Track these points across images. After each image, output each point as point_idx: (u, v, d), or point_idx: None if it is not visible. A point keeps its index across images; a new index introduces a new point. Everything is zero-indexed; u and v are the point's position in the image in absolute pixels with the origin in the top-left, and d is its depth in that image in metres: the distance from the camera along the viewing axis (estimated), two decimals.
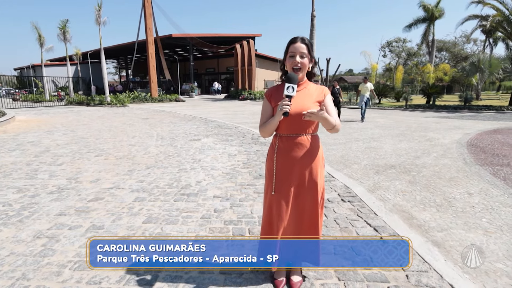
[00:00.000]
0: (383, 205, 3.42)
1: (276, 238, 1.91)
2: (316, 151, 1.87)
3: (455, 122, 11.12)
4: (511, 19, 16.80)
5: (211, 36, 30.52)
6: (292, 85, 1.70)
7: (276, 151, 1.87)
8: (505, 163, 5.29)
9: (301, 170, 1.85)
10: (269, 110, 1.87)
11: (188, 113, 14.46)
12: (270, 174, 1.90)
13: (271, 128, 1.82)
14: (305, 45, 1.77)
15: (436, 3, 31.62)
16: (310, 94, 1.83)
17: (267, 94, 1.90)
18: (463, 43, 44.78)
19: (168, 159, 5.49)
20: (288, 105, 1.68)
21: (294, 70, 1.78)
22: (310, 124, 1.82)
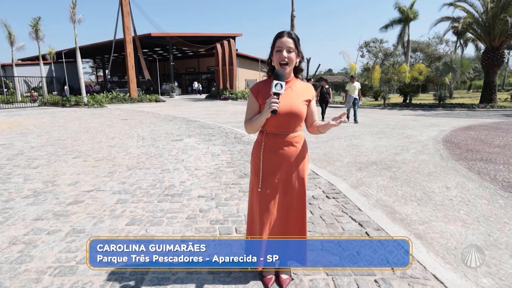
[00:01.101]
0: (367, 201, 3.50)
1: (262, 238, 1.89)
2: (302, 148, 1.88)
3: (430, 120, 11.53)
4: (481, 21, 17.60)
5: (191, 35, 30.17)
6: (280, 82, 1.67)
7: (262, 148, 1.85)
8: (479, 157, 5.53)
9: (288, 167, 1.85)
10: (255, 106, 1.84)
11: (169, 113, 14.23)
12: (257, 171, 1.88)
13: (258, 125, 1.80)
14: (292, 39, 1.75)
15: (411, 4, 32.69)
16: (298, 92, 1.82)
17: (254, 90, 1.86)
18: (436, 44, 46.55)
19: (150, 160, 5.37)
20: (276, 103, 1.66)
21: (281, 65, 1.75)
22: (297, 122, 1.82)
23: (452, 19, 19.21)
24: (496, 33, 16.94)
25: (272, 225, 1.89)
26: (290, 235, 1.93)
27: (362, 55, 45.42)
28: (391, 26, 36.08)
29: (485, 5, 17.28)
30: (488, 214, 3.14)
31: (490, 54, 17.73)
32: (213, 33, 31.71)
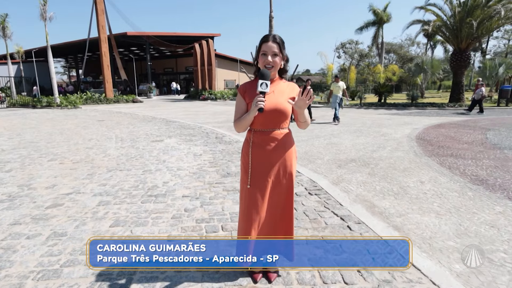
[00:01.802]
0: (347, 196, 3.63)
1: (251, 238, 1.93)
2: (289, 144, 1.94)
3: (404, 118, 12.00)
4: (449, 25, 18.51)
5: (169, 35, 29.70)
6: (266, 82, 1.74)
7: (251, 145, 1.90)
8: (449, 153, 5.85)
9: (276, 163, 1.90)
10: (243, 105, 1.90)
11: (147, 114, 13.97)
12: (246, 168, 1.93)
13: (246, 123, 1.86)
14: (277, 44, 1.82)
15: (384, 7, 33.85)
16: (282, 90, 1.89)
17: (241, 90, 1.92)
18: (408, 46, 48.38)
19: (131, 161, 5.28)
20: (263, 101, 1.73)
21: (266, 68, 1.83)
22: (284, 119, 1.88)
23: (423, 22, 20.05)
24: (463, 36, 17.87)
25: (261, 222, 1.93)
26: (278, 232, 1.98)
27: (339, 56, 46.42)
28: (366, 28, 37.24)
29: (453, 9, 18.19)
30: (458, 206, 3.35)
31: (458, 56, 18.69)
32: (191, 33, 31.37)
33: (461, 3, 17.95)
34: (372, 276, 2.08)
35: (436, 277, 2.06)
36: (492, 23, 17.48)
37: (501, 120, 11.18)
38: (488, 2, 16.95)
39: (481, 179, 4.26)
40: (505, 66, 26.40)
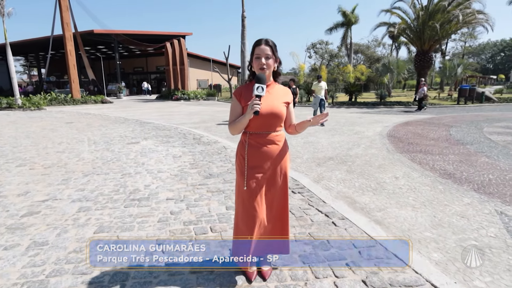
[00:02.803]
0: (329, 193, 3.76)
1: (248, 238, 1.96)
2: (284, 146, 2.00)
3: (374, 117, 12.53)
4: (413, 27, 19.53)
5: (139, 33, 28.84)
6: (262, 85, 1.79)
7: (246, 148, 1.94)
8: (418, 149, 6.21)
9: (271, 165, 1.95)
10: (238, 109, 1.93)
11: (119, 115, 13.52)
12: (242, 170, 1.96)
13: (241, 126, 1.89)
14: (269, 46, 1.87)
15: (352, 9, 35.02)
16: (277, 94, 1.95)
17: (237, 93, 1.96)
18: (375, 47, 50.35)
19: (108, 165, 5.11)
20: (259, 104, 1.78)
21: (260, 71, 1.87)
22: (278, 122, 1.94)
23: (389, 25, 21.02)
24: (426, 38, 18.94)
25: (259, 223, 1.96)
26: (275, 231, 2.03)
27: (310, 56, 47.37)
28: (335, 29, 38.35)
29: (416, 12, 19.22)
30: (431, 199, 3.58)
31: (421, 56, 19.78)
32: (162, 32, 30.65)
33: (424, 7, 19.01)
34: (360, 268, 2.19)
35: (417, 266, 2.21)
36: (451, 26, 18.68)
37: (462, 118, 11.99)
38: (448, 7, 18.08)
39: (449, 173, 4.57)
40: (463, 67, 28.28)
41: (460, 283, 2.06)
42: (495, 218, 3.06)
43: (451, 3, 18.31)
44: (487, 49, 77.08)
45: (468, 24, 19.32)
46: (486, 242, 2.60)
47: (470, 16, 18.11)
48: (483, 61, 77.37)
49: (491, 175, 4.46)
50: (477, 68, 58.25)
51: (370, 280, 2.05)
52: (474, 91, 19.26)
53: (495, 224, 2.94)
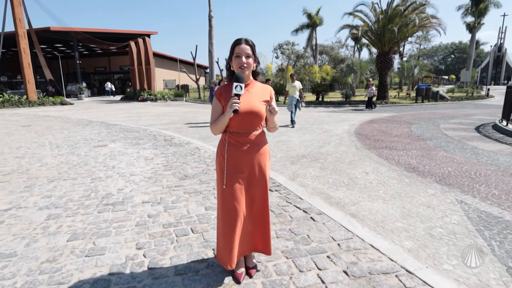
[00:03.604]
0: (305, 190, 3.87)
1: (229, 238, 1.96)
2: (263, 145, 2.01)
3: (341, 115, 13.00)
4: (374, 30, 20.50)
5: (101, 31, 27.54)
6: (240, 84, 1.81)
7: (226, 146, 1.94)
8: (384, 146, 6.56)
9: (251, 164, 1.96)
10: (219, 108, 1.94)
11: (81, 117, 12.84)
12: (221, 169, 1.96)
13: (222, 125, 1.90)
14: (249, 46, 1.89)
15: (316, 11, 36.06)
16: (257, 92, 1.96)
17: (217, 93, 1.96)
18: (339, 48, 52.14)
19: (75, 169, 4.86)
20: (237, 103, 1.79)
21: (240, 70, 1.88)
22: (258, 121, 1.95)
23: (352, 27, 21.84)
24: (386, 40, 19.96)
25: (239, 221, 1.97)
26: (256, 230, 2.05)
27: (277, 57, 48.01)
28: (301, 30, 39.27)
29: (377, 16, 20.20)
30: (399, 191, 3.81)
31: (382, 58, 20.81)
32: (125, 30, 29.54)
33: (383, 11, 20.02)
34: (341, 260, 2.29)
35: (392, 254, 2.36)
36: (408, 29, 19.85)
37: (420, 115, 12.80)
38: (405, 12, 19.19)
39: (413, 167, 4.89)
40: (419, 68, 30.18)
41: (430, 267, 2.23)
42: (456, 206, 3.33)
43: (408, 8, 19.46)
44: (440, 51, 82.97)
45: (423, 27, 20.63)
46: (451, 229, 2.82)
47: (425, 20, 19.35)
48: (436, 62, 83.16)
49: (449, 168, 4.83)
50: (431, 69, 62.47)
51: (351, 270, 2.16)
52: (430, 90, 20.64)
53: (456, 212, 3.20)
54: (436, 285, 1.99)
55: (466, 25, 44.31)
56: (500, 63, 60.37)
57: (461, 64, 71.66)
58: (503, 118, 9.21)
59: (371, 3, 20.41)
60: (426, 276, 2.08)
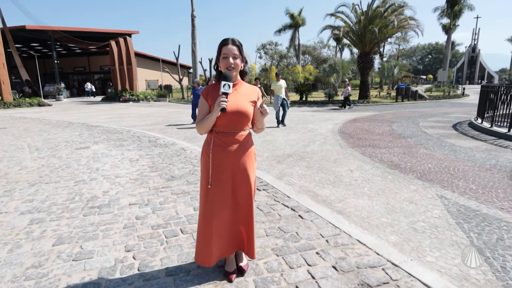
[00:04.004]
0: (292, 189, 3.92)
1: (209, 238, 1.98)
2: (249, 146, 2.01)
3: (325, 115, 13.20)
4: (355, 30, 20.91)
5: (79, 30, 26.77)
6: (228, 83, 1.82)
7: (212, 146, 1.93)
8: (367, 144, 6.72)
9: (236, 165, 1.94)
10: (206, 108, 1.94)
11: (61, 119, 12.47)
12: (206, 169, 1.95)
13: (208, 124, 1.89)
14: (237, 46, 1.90)
15: (299, 12, 36.40)
16: (244, 92, 1.98)
17: (204, 92, 1.96)
18: (321, 48, 52.85)
19: (56, 172, 4.73)
20: (225, 101, 1.80)
21: (228, 70, 1.89)
22: (245, 121, 1.95)
23: (333, 28, 22.19)
24: (367, 41, 20.40)
25: (222, 222, 1.97)
26: (240, 230, 2.03)
27: (260, 57, 48.21)
28: (284, 31, 39.50)
29: (358, 17, 20.61)
30: (383, 188, 3.93)
31: (364, 58, 21.26)
32: (105, 29, 28.82)
33: (364, 12, 20.45)
34: (329, 255, 2.35)
35: (378, 248, 2.44)
36: (388, 30, 20.36)
37: (400, 114, 13.18)
38: (384, 13, 19.68)
39: (395, 164, 5.04)
40: (399, 67, 31.00)
41: (415, 259, 2.32)
42: (437, 201, 3.47)
43: (387, 9, 19.97)
44: (418, 52, 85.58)
45: (402, 28, 21.20)
46: (432, 223, 2.94)
47: (403, 21, 19.91)
48: (414, 62, 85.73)
49: (430, 164, 5.02)
50: (410, 69, 64.29)
51: (339, 265, 2.22)
52: (409, 89, 21.28)
53: (437, 206, 3.33)
54: (420, 277, 2.08)
55: (442, 27, 45.89)
56: (474, 63, 62.94)
57: (438, 64, 74.19)
58: (478, 116, 9.62)
59: (352, 4, 20.81)
60: (410, 268, 2.17)
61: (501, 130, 7.65)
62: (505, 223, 2.92)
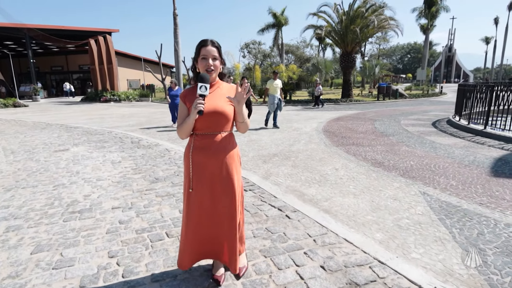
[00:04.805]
0: (279, 189, 3.92)
1: (189, 240, 1.94)
2: (231, 148, 1.94)
3: (309, 114, 13.31)
4: (337, 30, 21.19)
5: (56, 28, 25.84)
6: (205, 85, 1.78)
7: (192, 149, 1.89)
8: (351, 142, 6.82)
9: (216, 167, 1.88)
10: (185, 111, 1.89)
11: (38, 120, 12.01)
12: (187, 172, 1.91)
13: (187, 127, 1.84)
14: (216, 48, 1.86)
15: (281, 11, 36.53)
16: (223, 93, 1.92)
17: (182, 96, 1.91)
18: (304, 47, 53.28)
19: (34, 176, 4.54)
20: (202, 104, 1.76)
21: (207, 72, 1.85)
22: (224, 122, 1.90)
23: (316, 27, 22.40)
24: (349, 40, 20.71)
25: (202, 227, 1.93)
26: (223, 237, 1.95)
27: (244, 56, 48.09)
28: (267, 30, 39.55)
29: (340, 17, 20.89)
30: (368, 186, 3.99)
31: (346, 57, 21.58)
32: (84, 28, 27.96)
33: (345, 12, 20.75)
34: (317, 255, 2.35)
35: (365, 246, 2.46)
36: (369, 30, 20.74)
37: (382, 112, 13.45)
38: (365, 13, 20.04)
39: (379, 162, 5.13)
40: (380, 67, 31.66)
41: (400, 256, 2.36)
42: (420, 198, 3.55)
43: (368, 9, 20.34)
44: (397, 51, 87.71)
45: (382, 28, 21.66)
46: (416, 219, 3.00)
47: (383, 21, 20.35)
48: (394, 61, 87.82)
49: (412, 162, 5.13)
50: (390, 68, 65.82)
51: (327, 265, 2.22)
52: (390, 88, 21.76)
53: (420, 203, 3.41)
54: (406, 273, 2.11)
55: (420, 27, 47.15)
56: (450, 63, 65.17)
57: (416, 64, 76.28)
58: (456, 114, 9.94)
59: (334, 4, 21.07)
60: (396, 266, 2.20)
61: (478, 127, 7.93)
62: (484, 218, 3.01)
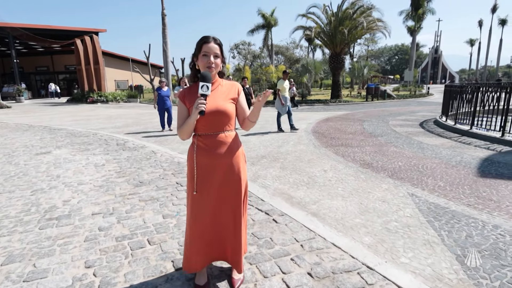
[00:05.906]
0: (266, 191, 3.84)
1: (196, 245, 1.90)
2: (236, 147, 1.89)
3: (299, 114, 13.29)
4: (326, 31, 21.30)
5: (41, 27, 25.21)
6: (206, 84, 1.70)
7: (195, 150, 1.83)
8: (340, 143, 6.79)
9: (222, 167, 1.84)
10: (184, 111, 1.83)
11: (20, 122, 11.65)
12: (191, 174, 1.85)
13: (188, 128, 1.78)
14: (218, 45, 1.80)
15: (271, 12, 36.59)
16: (224, 91, 1.86)
17: (180, 95, 1.84)
18: (293, 48, 53.47)
19: (12, 181, 4.35)
20: (204, 104, 1.69)
21: (208, 70, 1.77)
22: (226, 121, 1.84)
23: (305, 28, 22.47)
24: (338, 41, 20.83)
25: (208, 229, 1.89)
26: (228, 239, 1.93)
27: (234, 57, 47.96)
28: (257, 31, 39.58)
29: (328, 18, 21.01)
30: (356, 188, 3.94)
31: (335, 58, 21.71)
32: (69, 27, 27.35)
33: (334, 13, 20.88)
34: (304, 261, 2.27)
35: (353, 251, 2.40)
36: (357, 31, 20.91)
37: (371, 113, 13.54)
38: (353, 15, 20.20)
39: (367, 163, 5.10)
40: (368, 68, 31.97)
41: (389, 261, 2.30)
42: (408, 199, 3.52)
43: (356, 11, 20.52)
44: (385, 53, 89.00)
45: (371, 30, 21.87)
46: (405, 222, 2.96)
47: (372, 23, 20.55)
48: (382, 63, 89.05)
49: (400, 162, 5.13)
50: (379, 69, 66.74)
51: (315, 272, 2.15)
52: (379, 89, 21.99)
53: (409, 205, 3.37)
54: (395, 279, 2.05)
55: (408, 29, 47.92)
56: (437, 64, 66.38)
57: (404, 65, 77.42)
58: (443, 114, 10.06)
59: (323, 5, 21.16)
60: (385, 271, 2.14)
61: (464, 127, 8.03)
62: (472, 220, 2.99)
